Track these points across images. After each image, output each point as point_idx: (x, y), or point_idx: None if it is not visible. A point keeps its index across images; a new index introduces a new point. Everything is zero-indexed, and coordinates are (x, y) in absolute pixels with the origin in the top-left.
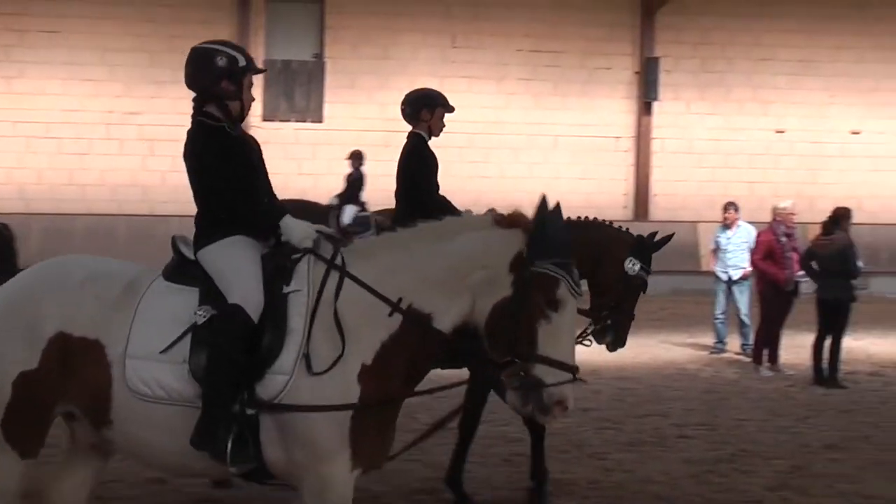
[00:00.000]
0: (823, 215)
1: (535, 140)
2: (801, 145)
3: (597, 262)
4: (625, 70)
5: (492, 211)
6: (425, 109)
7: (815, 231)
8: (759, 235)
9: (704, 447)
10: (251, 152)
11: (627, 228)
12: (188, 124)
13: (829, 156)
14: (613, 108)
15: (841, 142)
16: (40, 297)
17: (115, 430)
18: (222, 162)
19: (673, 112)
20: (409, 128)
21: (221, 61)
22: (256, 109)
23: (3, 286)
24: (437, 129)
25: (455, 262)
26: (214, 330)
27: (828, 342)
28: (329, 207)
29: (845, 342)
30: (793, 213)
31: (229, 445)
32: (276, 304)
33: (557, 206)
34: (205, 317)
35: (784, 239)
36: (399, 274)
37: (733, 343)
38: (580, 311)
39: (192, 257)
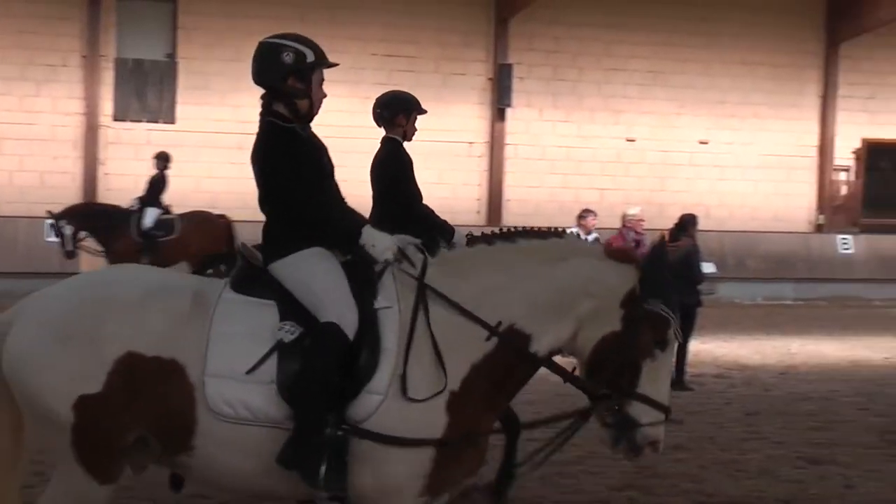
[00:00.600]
0: (672, 222)
1: None
2: (651, 154)
3: None
4: (479, 76)
5: (598, 241)
6: (402, 115)
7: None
8: (608, 241)
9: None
10: (322, 155)
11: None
12: (35, 122)
13: (677, 164)
14: (467, 114)
15: (689, 151)
16: (98, 314)
17: (196, 456)
18: (295, 166)
19: (526, 119)
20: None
21: (288, 57)
22: (107, 108)
23: (47, 305)
24: (411, 133)
25: (563, 287)
26: (309, 349)
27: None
28: (130, 211)
29: (692, 345)
30: (642, 220)
31: (323, 468)
32: (368, 320)
33: (664, 244)
34: (293, 334)
35: (633, 245)
36: (500, 294)
37: None
38: None
39: (259, 267)
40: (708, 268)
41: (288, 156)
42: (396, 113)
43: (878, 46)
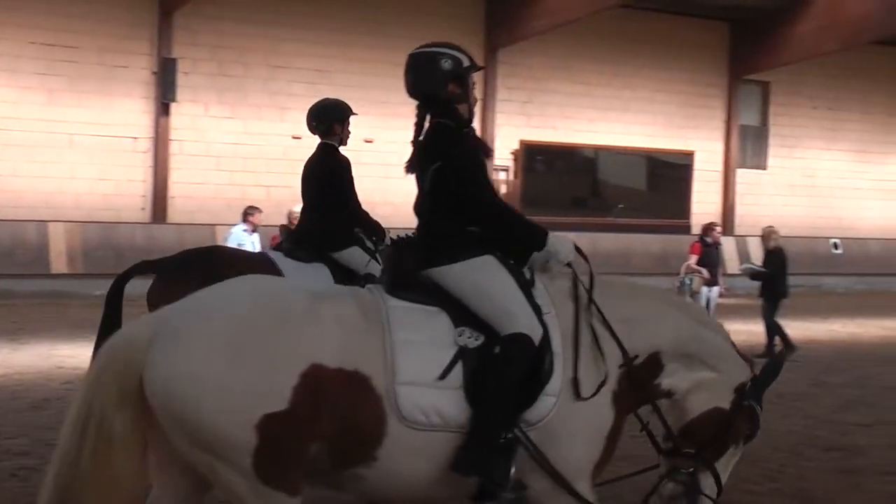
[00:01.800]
0: None
1: (50, 138)
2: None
3: None
4: (143, 69)
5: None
6: (336, 124)
7: None
8: (274, 239)
9: None
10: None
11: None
12: None
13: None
14: (131, 108)
15: (355, 149)
16: (275, 327)
17: (376, 466)
18: (483, 169)
19: (191, 114)
20: None
21: (447, 64)
22: None
23: (209, 320)
24: (346, 137)
25: (702, 350)
26: (501, 358)
27: None
28: None
29: None
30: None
31: (513, 471)
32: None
33: (781, 365)
34: (477, 340)
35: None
36: (653, 324)
37: None
38: None
39: (409, 271)
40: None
41: (476, 158)
42: (331, 123)
43: (534, 54)
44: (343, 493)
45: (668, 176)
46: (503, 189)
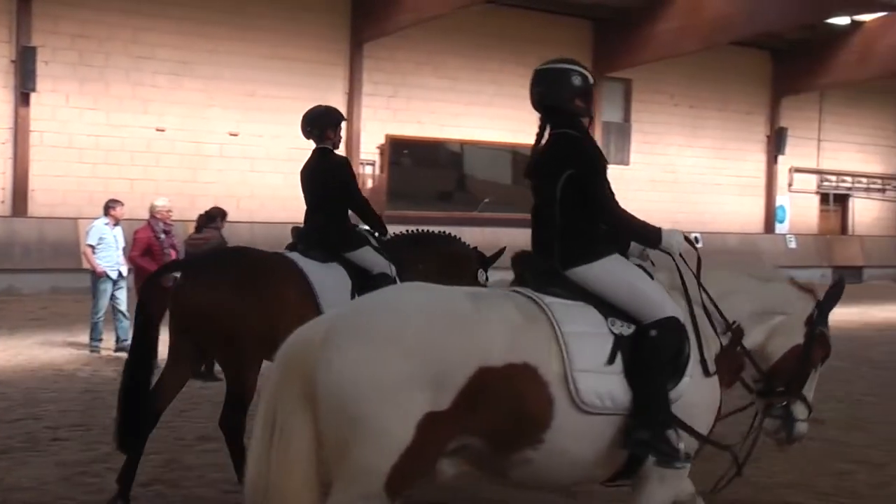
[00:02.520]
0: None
1: None
2: (182, 144)
3: (457, 273)
4: (1, 58)
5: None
6: (329, 129)
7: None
8: (137, 232)
9: (79, 448)
10: None
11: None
12: None
13: (208, 155)
14: None
15: (220, 143)
16: (447, 329)
17: (543, 449)
18: (606, 175)
19: (52, 105)
20: None
21: (576, 80)
22: None
23: (386, 323)
24: (338, 141)
25: (770, 303)
26: (658, 339)
27: None
28: None
29: None
30: (170, 211)
31: (681, 446)
32: None
33: (842, 286)
34: (630, 328)
35: (163, 236)
36: (734, 298)
37: (111, 341)
38: None
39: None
40: None
41: (602, 165)
42: (325, 128)
43: (400, 48)
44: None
45: None
46: (369, 183)
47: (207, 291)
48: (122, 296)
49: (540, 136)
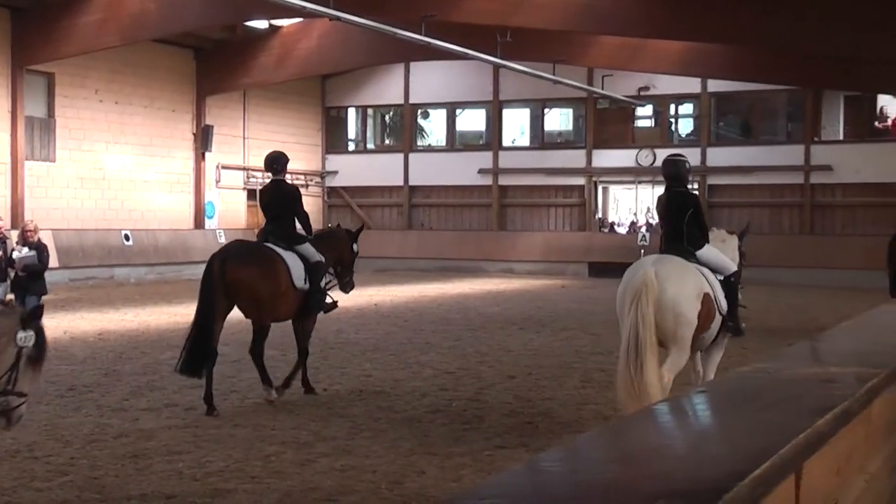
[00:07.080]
0: None
1: None
2: None
3: (342, 247)
4: None
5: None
6: (284, 168)
7: None
8: None
9: None
10: None
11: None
12: None
13: None
14: None
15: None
16: (696, 274)
17: (710, 333)
18: (703, 212)
19: None
20: None
21: (688, 165)
22: None
23: (677, 271)
24: (285, 174)
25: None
26: (735, 279)
27: None
28: None
29: None
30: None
31: (743, 326)
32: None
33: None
34: (720, 276)
35: None
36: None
37: None
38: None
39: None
40: None
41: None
42: (283, 166)
43: None
44: None
45: None
46: None
47: (241, 269)
48: None
49: (668, 193)
